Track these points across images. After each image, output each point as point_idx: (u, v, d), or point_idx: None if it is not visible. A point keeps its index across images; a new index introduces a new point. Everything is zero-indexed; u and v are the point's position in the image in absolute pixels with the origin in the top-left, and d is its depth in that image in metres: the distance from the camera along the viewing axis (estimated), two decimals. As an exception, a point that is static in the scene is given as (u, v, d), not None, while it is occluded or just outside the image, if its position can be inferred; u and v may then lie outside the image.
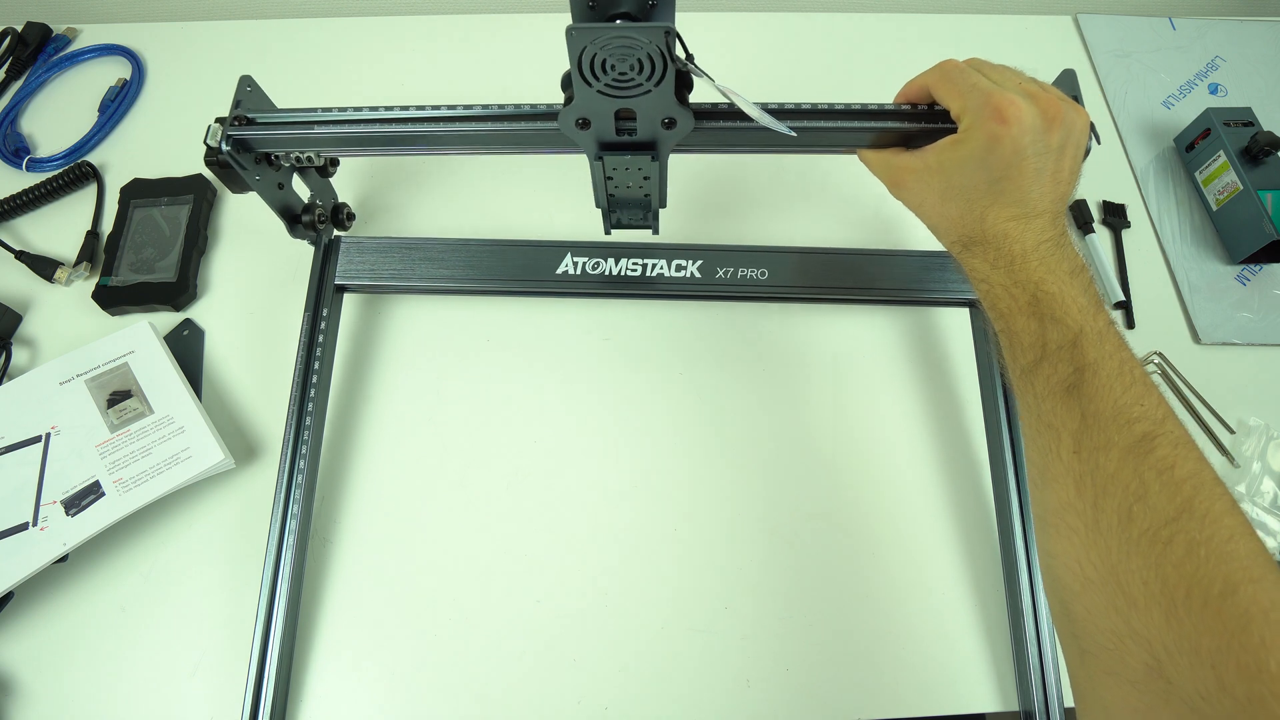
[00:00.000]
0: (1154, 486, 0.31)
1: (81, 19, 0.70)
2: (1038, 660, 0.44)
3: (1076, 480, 0.33)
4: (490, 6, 0.72)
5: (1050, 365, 0.35)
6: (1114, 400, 0.33)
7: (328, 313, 0.52)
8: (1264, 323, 0.58)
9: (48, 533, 0.45)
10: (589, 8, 0.35)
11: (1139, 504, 0.31)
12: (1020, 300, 0.36)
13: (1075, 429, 0.34)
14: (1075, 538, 0.33)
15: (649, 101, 0.38)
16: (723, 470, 0.51)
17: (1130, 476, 0.32)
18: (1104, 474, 0.32)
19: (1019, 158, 0.37)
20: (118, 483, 0.47)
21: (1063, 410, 0.34)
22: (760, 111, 0.38)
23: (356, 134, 0.44)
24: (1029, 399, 0.36)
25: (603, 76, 0.36)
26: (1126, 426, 0.33)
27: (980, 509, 0.50)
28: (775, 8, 0.73)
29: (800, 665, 0.46)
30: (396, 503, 0.50)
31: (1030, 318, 0.36)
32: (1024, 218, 0.37)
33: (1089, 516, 0.32)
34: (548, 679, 0.45)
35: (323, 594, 0.47)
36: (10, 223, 0.60)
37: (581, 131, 0.41)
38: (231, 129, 0.43)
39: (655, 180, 0.45)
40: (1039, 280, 0.36)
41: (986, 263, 0.38)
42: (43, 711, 0.44)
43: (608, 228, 0.50)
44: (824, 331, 0.56)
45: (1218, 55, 0.72)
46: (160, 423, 0.49)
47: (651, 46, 0.35)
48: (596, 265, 0.54)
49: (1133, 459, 0.32)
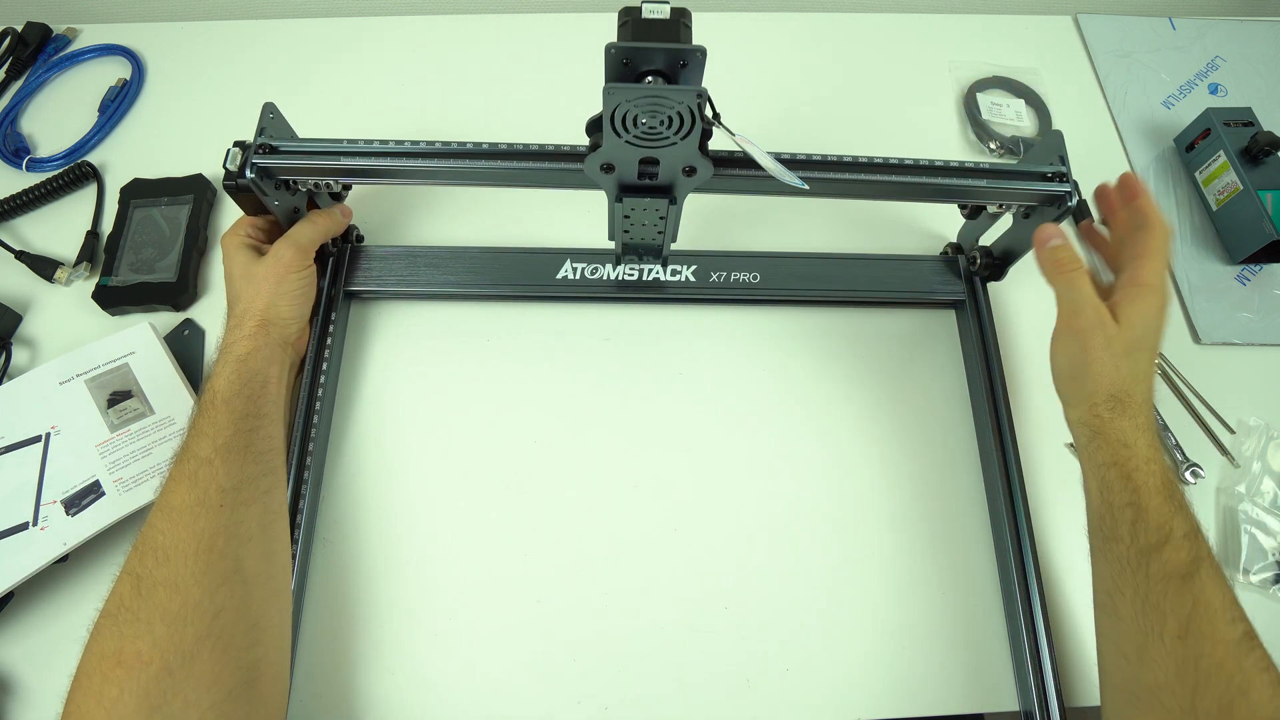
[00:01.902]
0: (1256, 683, 0.33)
1: (81, 19, 0.70)
2: (1037, 660, 0.44)
3: (1179, 664, 0.34)
4: (492, 6, 0.72)
5: (1173, 550, 0.36)
6: (1222, 595, 0.35)
7: (336, 317, 0.53)
8: (1264, 323, 0.58)
9: (48, 532, 0.45)
10: (623, 64, 0.36)
11: (1241, 699, 0.33)
12: (1155, 478, 0.38)
13: (1185, 616, 0.35)
14: (1169, 719, 0.34)
15: (673, 151, 0.40)
16: (723, 470, 0.51)
17: (1234, 670, 0.33)
18: (1209, 663, 0.34)
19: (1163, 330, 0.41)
20: (118, 482, 0.47)
21: (1175, 596, 0.35)
22: (775, 164, 0.40)
23: (382, 167, 0.45)
24: (1138, 578, 0.37)
25: (632, 129, 0.38)
26: (1232, 624, 0.34)
27: (976, 509, 0.50)
28: (775, 8, 0.73)
29: (800, 665, 0.46)
30: (396, 503, 0.50)
31: (1163, 498, 0.37)
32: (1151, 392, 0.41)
33: (1187, 701, 0.33)
34: (548, 679, 0.45)
35: (323, 594, 0.47)
36: (10, 223, 0.60)
37: (605, 175, 0.42)
38: (258, 156, 0.44)
39: (670, 221, 0.47)
40: (1163, 462, 0.38)
41: (1135, 427, 0.39)
42: (43, 711, 0.44)
43: (618, 264, 0.53)
44: (815, 333, 0.56)
45: (1218, 55, 0.72)
46: (161, 423, 0.49)
47: (683, 106, 0.37)
48: (595, 270, 0.55)
49: (1237, 653, 0.34)
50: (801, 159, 0.45)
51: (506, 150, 0.44)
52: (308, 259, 0.48)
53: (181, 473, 0.40)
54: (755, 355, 0.55)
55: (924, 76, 0.69)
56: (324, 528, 0.49)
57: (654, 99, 0.36)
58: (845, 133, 0.65)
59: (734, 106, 0.52)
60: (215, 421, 0.41)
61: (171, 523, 0.38)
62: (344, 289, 0.54)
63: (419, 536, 0.49)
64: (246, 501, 0.40)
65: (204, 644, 0.35)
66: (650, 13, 0.36)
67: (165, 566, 0.36)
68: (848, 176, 0.45)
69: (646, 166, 0.42)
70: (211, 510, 0.39)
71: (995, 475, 0.49)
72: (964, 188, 0.46)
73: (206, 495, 0.39)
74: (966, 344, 0.55)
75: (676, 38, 0.36)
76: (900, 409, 0.54)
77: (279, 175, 0.46)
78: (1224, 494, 0.51)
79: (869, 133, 0.65)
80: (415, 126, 0.64)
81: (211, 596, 0.36)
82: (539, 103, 0.66)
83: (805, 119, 0.66)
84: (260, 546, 0.40)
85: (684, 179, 0.43)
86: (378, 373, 0.54)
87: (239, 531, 0.39)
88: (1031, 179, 0.46)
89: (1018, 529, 0.47)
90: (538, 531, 0.49)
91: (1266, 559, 0.49)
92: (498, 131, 0.64)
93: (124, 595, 0.36)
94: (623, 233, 0.48)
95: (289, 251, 0.47)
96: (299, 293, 0.48)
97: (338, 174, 0.46)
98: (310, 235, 0.49)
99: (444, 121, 0.65)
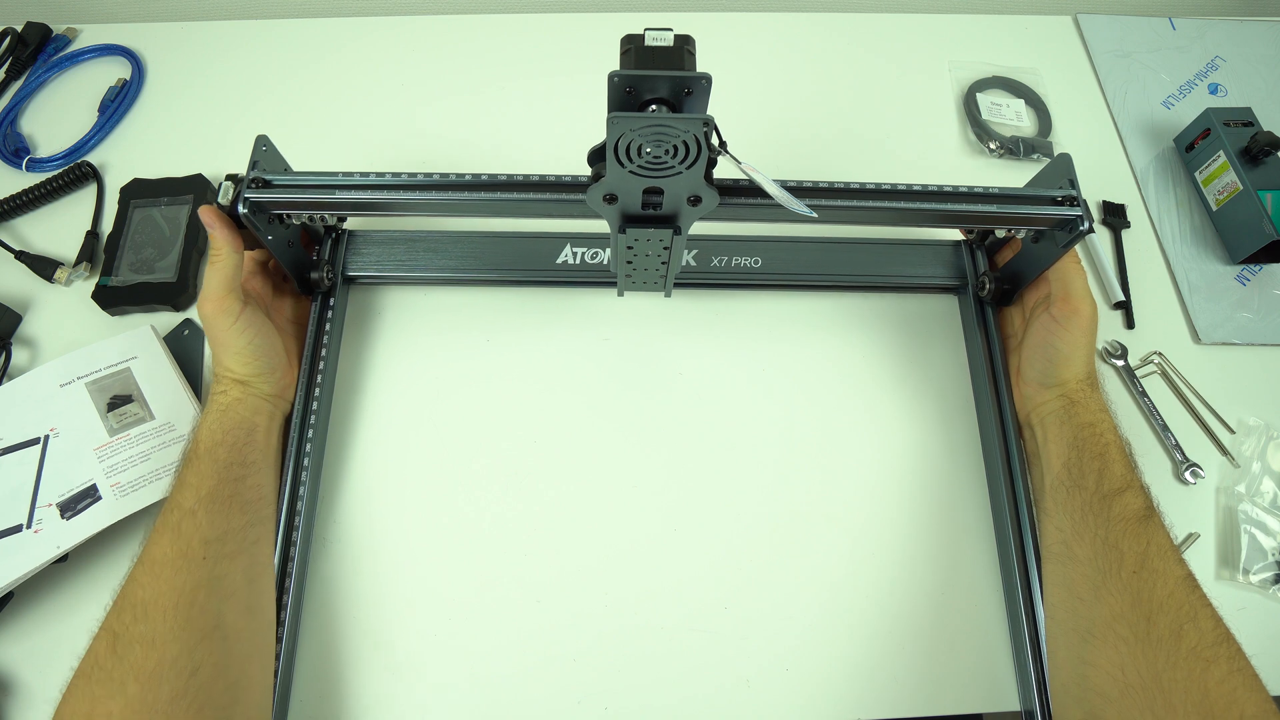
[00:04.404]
0: (1203, 613, 0.37)
1: (81, 19, 0.70)
2: (1037, 660, 0.44)
3: (1134, 596, 0.38)
4: (492, 7, 0.72)
5: (1133, 495, 0.41)
6: (1170, 540, 0.40)
7: (335, 303, 0.52)
8: (1264, 323, 0.58)
9: (41, 535, 0.45)
10: (626, 93, 0.35)
11: (1190, 624, 0.37)
12: (1117, 442, 0.44)
13: (1140, 552, 0.39)
14: (1123, 646, 0.37)
15: (678, 181, 0.39)
16: (723, 470, 0.51)
17: (1184, 600, 0.38)
18: (1161, 593, 0.38)
19: None
20: (115, 486, 0.47)
21: (1132, 535, 0.40)
22: (783, 193, 0.39)
23: (378, 200, 0.44)
24: (1099, 520, 0.41)
25: (636, 159, 0.37)
26: (1179, 563, 0.39)
27: (978, 508, 0.50)
28: (775, 8, 0.73)
29: (800, 665, 0.46)
30: (395, 503, 0.50)
31: (1124, 458, 0.44)
32: None
33: (1141, 628, 0.37)
34: (548, 679, 0.45)
35: (323, 593, 0.47)
36: (10, 223, 0.60)
37: (608, 206, 0.41)
38: (250, 191, 0.43)
39: (674, 251, 0.46)
40: (1122, 434, 0.45)
41: (1101, 405, 0.46)
42: (43, 711, 0.44)
43: (621, 290, 0.51)
44: (816, 319, 0.57)
45: (1218, 55, 0.72)
46: (161, 429, 0.49)
47: (689, 135, 0.36)
48: (595, 255, 0.55)
49: (1185, 587, 0.38)
50: (808, 186, 0.44)
51: (506, 181, 0.44)
52: (230, 309, 0.44)
53: (164, 524, 0.39)
54: (756, 341, 0.55)
55: (924, 76, 0.69)
56: (324, 527, 0.49)
57: (659, 128, 0.35)
58: (845, 133, 0.65)
59: (734, 107, 0.52)
60: (199, 471, 0.41)
61: (152, 576, 0.37)
62: (343, 274, 0.54)
63: (419, 536, 0.49)
64: (231, 554, 0.39)
65: (179, 704, 0.34)
66: (653, 40, 0.35)
67: (143, 623, 0.36)
68: (856, 204, 0.44)
69: (650, 196, 0.41)
70: (193, 563, 0.38)
71: (997, 474, 0.49)
72: (974, 213, 0.46)
73: (189, 547, 0.38)
74: (970, 341, 0.54)
75: (681, 65, 0.35)
76: (902, 408, 0.54)
77: (272, 210, 0.45)
78: (1224, 494, 0.51)
79: (869, 133, 0.65)
80: (416, 127, 0.64)
81: (190, 653, 0.35)
82: (540, 101, 0.66)
83: (805, 120, 0.66)
84: (244, 601, 0.40)
85: (689, 209, 0.42)
86: (378, 370, 0.54)
87: (222, 585, 0.38)
88: (1042, 203, 0.45)
89: (1019, 528, 0.47)
90: (538, 531, 0.49)
91: (1266, 559, 0.49)
92: (499, 132, 0.64)
93: (99, 653, 0.35)
94: (625, 263, 0.47)
95: (205, 309, 0.44)
96: (247, 348, 0.45)
97: (332, 208, 0.45)
98: (217, 284, 0.44)
99: (445, 122, 0.65)
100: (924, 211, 0.45)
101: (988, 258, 0.55)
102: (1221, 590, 0.49)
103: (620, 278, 0.50)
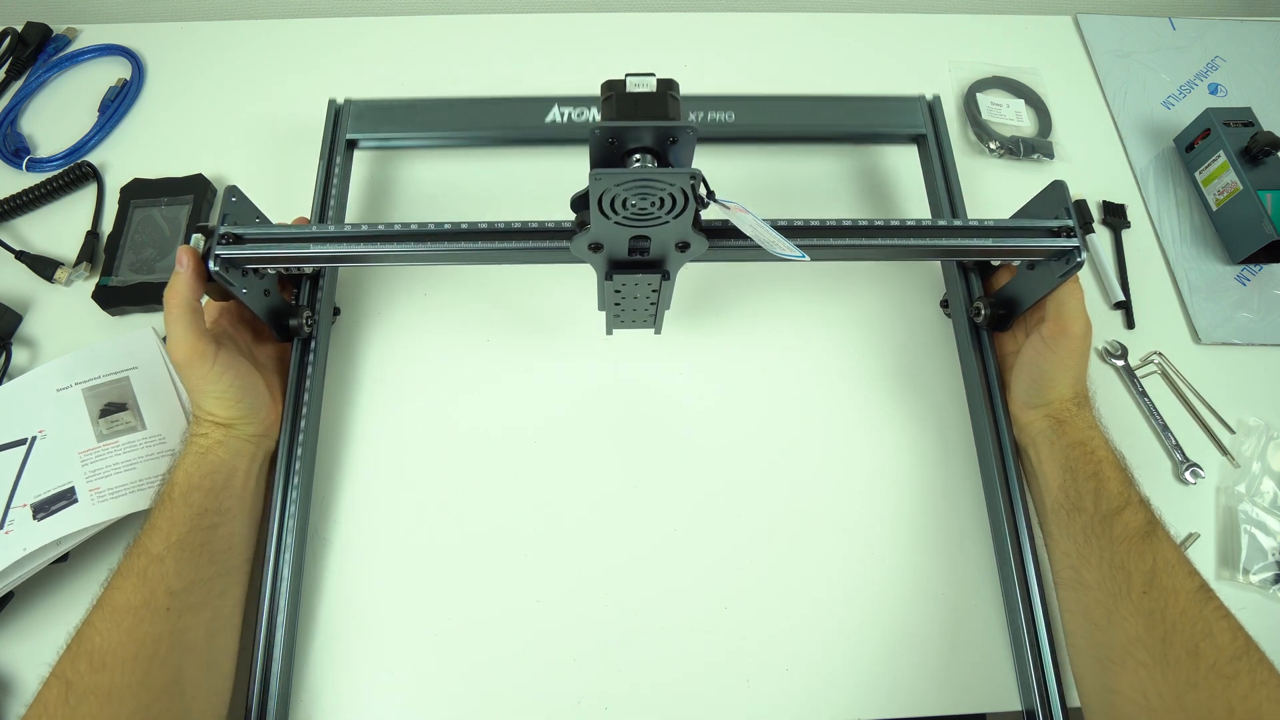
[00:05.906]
0: (1219, 626, 0.36)
1: (81, 19, 0.70)
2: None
3: (1147, 617, 0.37)
4: (492, 7, 0.72)
5: (1132, 512, 0.41)
6: (1177, 552, 0.39)
7: (339, 166, 0.55)
8: (1264, 323, 0.58)
9: (11, 536, 0.44)
10: (609, 144, 0.34)
11: (1206, 641, 0.36)
12: (1110, 458, 0.44)
13: (1148, 571, 0.38)
14: (1143, 670, 0.36)
15: (665, 229, 0.38)
16: (722, 469, 0.51)
17: (1197, 616, 0.37)
18: (1174, 612, 0.37)
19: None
20: (94, 492, 0.45)
21: (1137, 554, 0.39)
22: (774, 234, 0.38)
23: (353, 253, 0.43)
24: (1103, 543, 0.41)
25: (621, 210, 0.36)
26: (1190, 575, 0.38)
27: (976, 507, 0.50)
28: (775, 8, 0.73)
29: (800, 665, 0.46)
30: (394, 502, 0.50)
31: (1119, 473, 0.43)
32: None
33: (1158, 650, 0.36)
34: (548, 679, 0.45)
35: (322, 593, 0.47)
36: (10, 223, 0.60)
37: (594, 254, 0.40)
38: (221, 247, 0.42)
39: (663, 294, 0.45)
40: (1115, 449, 0.45)
41: (1090, 422, 0.45)
42: (43, 711, 0.44)
43: (610, 329, 0.50)
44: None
45: (1218, 55, 0.72)
46: (150, 440, 0.48)
47: (676, 188, 0.35)
48: (582, 114, 0.59)
49: (1198, 601, 0.37)
50: (799, 225, 0.44)
51: (487, 230, 0.42)
52: (204, 353, 0.42)
53: (130, 568, 0.38)
54: (754, 346, 0.55)
55: (924, 76, 0.69)
56: (320, 526, 0.49)
57: (644, 183, 0.34)
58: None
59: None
60: (171, 516, 0.39)
61: (112, 624, 0.36)
62: (345, 138, 0.58)
63: (418, 535, 0.49)
64: (196, 606, 0.38)
65: None
66: (635, 86, 0.34)
67: (100, 673, 0.34)
68: (849, 242, 0.44)
69: (637, 242, 0.40)
70: (157, 614, 0.36)
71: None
72: (969, 248, 0.46)
73: (153, 596, 0.37)
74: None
75: (665, 113, 0.34)
76: (901, 409, 0.54)
77: (245, 265, 0.44)
78: (1224, 494, 0.51)
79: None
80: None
81: (146, 709, 0.34)
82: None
83: (805, 119, 0.66)
84: (204, 657, 0.38)
85: (677, 254, 0.41)
86: (376, 369, 0.54)
87: (184, 639, 0.37)
88: (1038, 235, 0.45)
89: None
90: (537, 532, 0.49)
91: (1266, 559, 0.49)
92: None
93: (49, 702, 0.34)
94: (614, 304, 0.46)
95: (177, 356, 0.41)
96: (228, 391, 0.43)
97: (306, 260, 0.44)
98: (182, 331, 0.41)
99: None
100: (920, 248, 0.45)
101: (982, 281, 0.54)
102: (1222, 590, 0.48)
103: (608, 318, 0.48)
